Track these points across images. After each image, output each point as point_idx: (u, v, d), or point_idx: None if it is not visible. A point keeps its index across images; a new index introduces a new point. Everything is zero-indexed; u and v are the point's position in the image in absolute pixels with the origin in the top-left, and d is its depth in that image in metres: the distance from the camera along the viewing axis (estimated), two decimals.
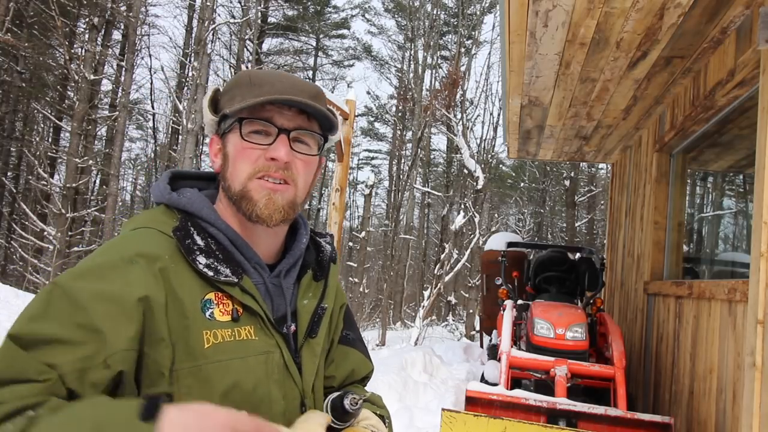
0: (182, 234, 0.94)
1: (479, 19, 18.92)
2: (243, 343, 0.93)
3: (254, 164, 0.97)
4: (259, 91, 0.96)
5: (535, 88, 4.59)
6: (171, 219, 0.98)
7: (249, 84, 0.99)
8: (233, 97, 0.99)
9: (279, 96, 0.96)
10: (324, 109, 1.01)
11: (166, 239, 0.94)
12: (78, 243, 14.71)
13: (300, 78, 1.04)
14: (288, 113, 0.99)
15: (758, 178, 2.69)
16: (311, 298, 1.08)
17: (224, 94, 1.02)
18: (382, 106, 24.79)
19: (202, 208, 0.99)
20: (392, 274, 16.73)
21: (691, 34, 3.45)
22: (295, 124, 0.99)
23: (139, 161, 27.07)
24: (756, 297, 2.61)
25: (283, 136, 0.98)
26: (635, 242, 5.50)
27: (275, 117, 0.98)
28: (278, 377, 0.97)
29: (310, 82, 1.04)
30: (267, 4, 20.01)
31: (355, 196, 26.50)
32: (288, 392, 0.98)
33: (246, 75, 1.01)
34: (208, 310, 0.91)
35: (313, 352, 1.05)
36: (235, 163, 0.99)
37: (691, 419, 3.75)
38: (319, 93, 1.03)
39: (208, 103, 1.03)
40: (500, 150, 17.14)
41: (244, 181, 0.97)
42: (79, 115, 13.20)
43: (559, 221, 23.77)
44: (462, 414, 3.27)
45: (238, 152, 0.98)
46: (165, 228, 0.95)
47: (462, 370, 6.39)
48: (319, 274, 1.11)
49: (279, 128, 0.98)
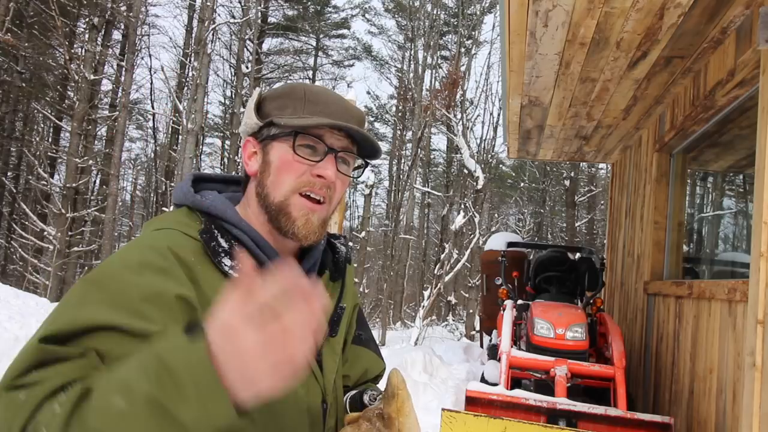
0: (208, 236, 0.95)
1: (479, 19, 18.93)
2: None
3: (299, 178, 0.99)
4: (314, 109, 1.00)
5: (535, 88, 4.59)
6: (194, 221, 0.98)
7: (303, 99, 1.01)
8: (284, 107, 1.01)
9: (338, 122, 0.99)
10: (371, 137, 1.04)
11: (190, 241, 0.94)
12: (78, 243, 14.70)
13: (349, 101, 1.07)
14: (337, 134, 1.01)
15: (758, 178, 2.69)
16: (329, 298, 1.09)
17: (271, 101, 1.04)
18: (382, 106, 24.81)
19: (225, 210, 1.00)
20: (392, 274, 16.73)
21: (691, 34, 3.45)
22: (342, 146, 1.02)
23: (139, 161, 27.07)
24: (756, 297, 2.61)
25: (331, 155, 1.00)
26: (635, 242, 5.50)
27: (326, 136, 1.00)
28: (301, 375, 0.98)
29: (357, 107, 1.08)
30: (267, 4, 20.02)
31: (355, 196, 26.46)
32: (310, 389, 1.00)
33: (301, 88, 1.03)
34: None
35: (334, 350, 1.07)
36: (280, 173, 0.99)
37: (691, 419, 3.75)
38: (364, 119, 1.07)
39: (254, 105, 1.04)
40: (500, 150, 17.15)
41: (287, 194, 0.99)
42: (79, 115, 13.20)
43: (559, 221, 23.77)
44: (462, 414, 3.27)
45: (284, 163, 0.99)
46: (189, 230, 0.96)
47: (462, 370, 6.40)
48: (336, 275, 1.13)
49: (329, 147, 1.00)
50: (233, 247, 0.96)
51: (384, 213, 26.00)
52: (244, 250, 0.97)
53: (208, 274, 0.91)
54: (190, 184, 1.05)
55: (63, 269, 13.26)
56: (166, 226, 0.96)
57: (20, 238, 13.49)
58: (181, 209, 1.02)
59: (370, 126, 26.33)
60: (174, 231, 0.95)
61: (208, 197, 1.03)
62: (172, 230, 0.95)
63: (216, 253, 0.94)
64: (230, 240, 0.97)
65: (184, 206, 1.02)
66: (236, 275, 0.92)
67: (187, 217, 0.99)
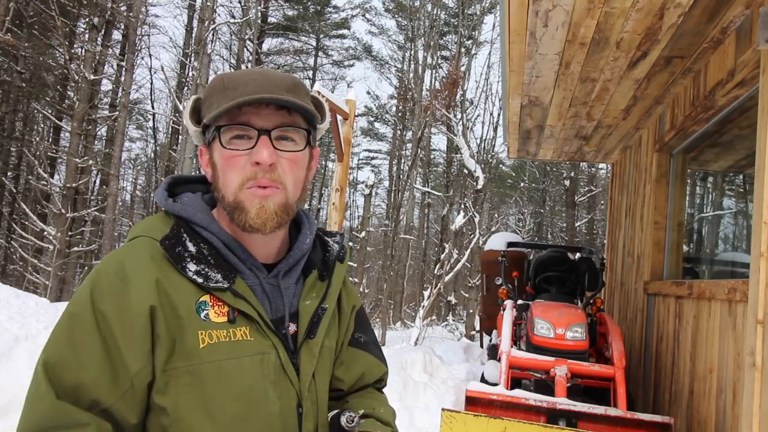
0: (172, 242, 0.94)
1: (479, 19, 18.92)
2: (238, 343, 0.94)
3: (242, 172, 0.95)
4: (233, 94, 0.93)
5: (535, 88, 4.59)
6: (167, 225, 0.98)
7: (223, 88, 0.95)
8: (211, 104, 0.96)
9: (251, 96, 0.92)
10: (301, 102, 0.96)
11: (159, 246, 0.95)
12: (78, 243, 14.71)
13: (275, 72, 1.00)
14: (265, 112, 0.95)
15: (758, 178, 2.69)
16: (314, 298, 1.06)
17: (203, 102, 1.00)
18: (382, 106, 24.79)
19: (195, 213, 0.99)
20: (392, 274, 16.73)
21: (691, 34, 3.45)
22: (274, 123, 0.95)
23: (139, 161, 27.09)
24: (756, 297, 2.61)
25: (263, 137, 0.94)
26: (635, 242, 5.50)
27: (253, 119, 0.94)
28: (274, 378, 0.97)
29: (286, 75, 1.00)
30: (267, 4, 20.01)
31: (355, 196, 26.49)
32: (284, 392, 0.98)
33: (219, 79, 0.98)
34: (203, 311, 0.93)
35: (312, 353, 1.03)
36: (224, 173, 0.97)
37: (691, 419, 3.75)
38: (296, 84, 0.99)
39: (190, 114, 1.00)
40: (500, 150, 17.15)
41: (236, 192, 0.96)
42: (79, 115, 13.20)
43: (559, 221, 23.76)
44: (462, 414, 3.27)
45: (224, 161, 0.96)
46: (159, 235, 0.96)
47: (462, 370, 6.39)
48: (325, 274, 1.09)
49: (258, 130, 0.94)
50: (202, 251, 0.96)
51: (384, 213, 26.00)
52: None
53: (174, 278, 0.93)
54: (165, 187, 1.04)
55: (63, 269, 13.27)
56: (140, 234, 0.98)
57: (20, 238, 13.48)
58: (160, 213, 1.03)
59: (370, 126, 26.34)
60: (146, 239, 0.96)
61: (183, 200, 1.02)
62: (145, 238, 0.97)
63: (180, 259, 0.93)
64: (199, 243, 0.96)
65: (162, 210, 1.03)
66: (200, 280, 0.93)
67: (160, 222, 1.00)
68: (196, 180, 1.10)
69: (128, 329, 0.88)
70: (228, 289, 0.94)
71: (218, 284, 0.94)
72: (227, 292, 0.94)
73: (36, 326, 4.16)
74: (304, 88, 1.01)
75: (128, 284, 0.90)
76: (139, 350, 0.88)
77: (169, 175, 1.12)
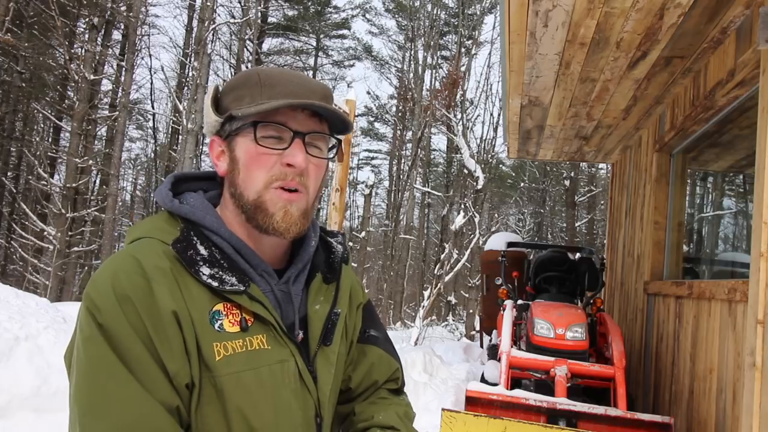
0: (183, 245, 0.90)
1: (479, 19, 18.93)
2: (256, 353, 0.90)
3: (270, 171, 0.92)
4: (271, 92, 0.92)
5: (535, 88, 4.59)
6: (173, 227, 0.93)
7: (259, 84, 0.93)
8: (241, 97, 0.94)
9: (297, 100, 0.91)
10: (338, 110, 0.96)
11: (168, 250, 0.90)
12: (78, 243, 14.71)
13: (309, 77, 0.99)
14: (301, 116, 0.94)
15: (758, 178, 2.69)
16: (323, 302, 1.02)
17: (228, 93, 0.97)
18: (382, 106, 24.80)
19: (204, 217, 0.95)
20: (392, 274, 16.74)
21: (691, 34, 3.45)
22: (308, 128, 0.94)
23: (139, 161, 27.10)
24: (756, 297, 2.61)
25: (298, 140, 0.93)
26: (635, 242, 5.50)
27: (289, 120, 0.92)
28: (294, 387, 0.94)
29: (320, 82, 0.99)
30: (267, 4, 20.01)
31: (355, 196, 26.47)
32: (305, 402, 0.95)
33: (255, 74, 0.95)
34: (217, 321, 0.88)
35: (329, 360, 1.00)
36: (249, 169, 0.93)
37: (691, 419, 3.75)
38: (329, 93, 0.98)
39: (211, 102, 0.97)
40: (500, 150, 17.13)
41: (260, 190, 0.92)
42: (79, 115, 13.20)
43: (559, 221, 23.77)
44: (462, 414, 3.27)
45: (251, 158, 0.93)
46: (167, 237, 0.91)
47: (462, 370, 6.39)
48: (330, 277, 1.05)
49: (294, 132, 0.92)
50: (214, 255, 0.92)
51: (384, 213, 26.02)
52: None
53: (187, 284, 0.88)
54: (169, 187, 1.00)
55: (63, 269, 13.27)
56: (144, 235, 0.93)
57: (20, 238, 13.49)
58: (162, 214, 0.98)
59: (370, 126, 26.35)
60: (152, 240, 0.91)
61: (189, 201, 0.98)
62: (150, 239, 0.91)
63: (193, 263, 0.89)
64: (210, 247, 0.92)
65: (165, 210, 0.97)
66: (215, 284, 0.89)
67: (166, 223, 0.95)
68: (199, 177, 1.06)
69: (160, 329, 0.84)
70: (244, 293, 0.90)
71: (234, 287, 0.89)
72: (243, 296, 0.90)
73: (36, 326, 4.15)
74: (333, 98, 1.01)
75: (151, 281, 0.85)
76: (176, 350, 0.84)
77: (171, 173, 1.07)
